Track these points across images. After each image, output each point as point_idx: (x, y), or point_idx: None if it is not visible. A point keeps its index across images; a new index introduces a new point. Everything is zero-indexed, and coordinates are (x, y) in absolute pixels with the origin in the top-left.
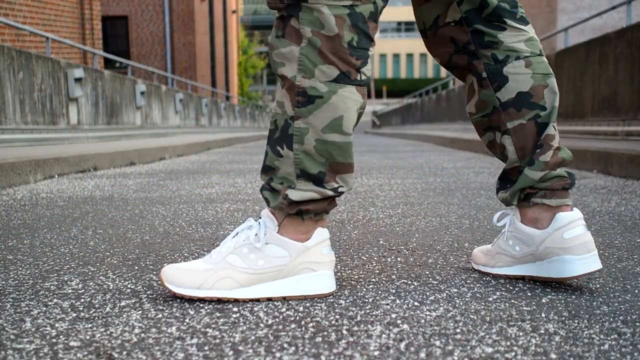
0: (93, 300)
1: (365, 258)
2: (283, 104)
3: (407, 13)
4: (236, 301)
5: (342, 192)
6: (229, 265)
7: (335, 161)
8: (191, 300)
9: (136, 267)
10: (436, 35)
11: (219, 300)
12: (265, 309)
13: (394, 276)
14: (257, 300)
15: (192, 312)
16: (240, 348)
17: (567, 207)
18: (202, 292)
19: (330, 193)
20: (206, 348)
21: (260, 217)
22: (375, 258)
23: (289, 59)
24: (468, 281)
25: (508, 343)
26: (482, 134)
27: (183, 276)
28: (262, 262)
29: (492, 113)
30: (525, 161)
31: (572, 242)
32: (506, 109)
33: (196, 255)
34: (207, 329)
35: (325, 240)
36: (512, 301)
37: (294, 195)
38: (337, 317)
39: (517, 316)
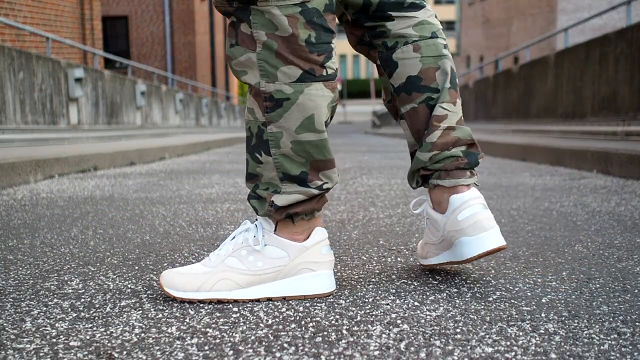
0: (93, 300)
1: (365, 258)
2: (253, 111)
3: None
4: (236, 302)
5: (327, 189)
6: (228, 268)
7: (315, 159)
8: (191, 301)
9: (136, 267)
10: (345, 31)
11: (219, 301)
12: (265, 309)
13: (394, 276)
14: (257, 300)
15: (192, 312)
16: (240, 348)
17: (463, 188)
18: (201, 294)
19: (316, 192)
20: (206, 348)
21: (256, 219)
22: (375, 258)
23: (249, 66)
24: (468, 281)
25: (508, 343)
26: (397, 121)
27: (182, 280)
28: (261, 263)
29: (393, 99)
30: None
31: (465, 222)
32: (399, 94)
33: (196, 255)
34: (207, 329)
35: (324, 240)
36: (512, 301)
37: (280, 200)
38: (337, 317)
39: (517, 316)
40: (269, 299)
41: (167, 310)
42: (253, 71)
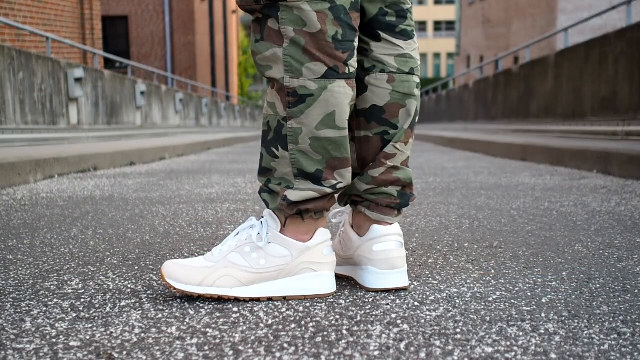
0: (93, 300)
1: None
2: (274, 105)
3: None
4: (236, 300)
5: (340, 189)
6: (230, 264)
7: (332, 157)
8: (191, 300)
9: (136, 267)
10: None
11: (220, 299)
12: (265, 309)
13: None
14: (258, 299)
15: (192, 312)
16: (240, 348)
17: (385, 223)
18: (202, 289)
19: (329, 190)
20: (206, 348)
21: (262, 217)
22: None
23: (274, 61)
24: (468, 281)
25: (508, 343)
26: None
27: (184, 272)
28: (264, 261)
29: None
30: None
31: (378, 255)
32: (357, 117)
33: (196, 255)
34: (207, 329)
35: (327, 241)
36: (512, 301)
37: (293, 195)
38: (337, 317)
39: (517, 316)
40: (269, 299)
41: (167, 310)
42: (278, 66)
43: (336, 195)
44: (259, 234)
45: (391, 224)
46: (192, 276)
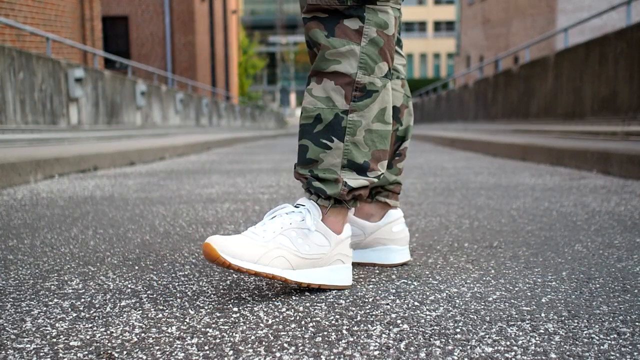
0: (93, 300)
1: None
2: (331, 99)
3: (406, 13)
4: (237, 299)
5: (379, 178)
6: (282, 245)
7: (377, 149)
8: (191, 300)
9: (136, 267)
10: None
11: (273, 277)
12: (265, 309)
13: (394, 276)
14: (299, 285)
15: (192, 312)
16: (240, 348)
17: (396, 207)
18: (259, 266)
19: (375, 180)
20: (206, 348)
21: (300, 204)
22: None
23: (347, 57)
24: (468, 281)
25: (508, 343)
26: None
27: (240, 249)
28: (308, 247)
29: None
30: None
31: (398, 234)
32: None
33: (196, 255)
34: (207, 329)
35: (350, 237)
36: (512, 301)
37: (352, 182)
38: (337, 317)
39: (516, 316)
40: (308, 285)
41: (167, 310)
42: (350, 61)
43: None
44: (303, 220)
45: (398, 207)
46: (250, 253)
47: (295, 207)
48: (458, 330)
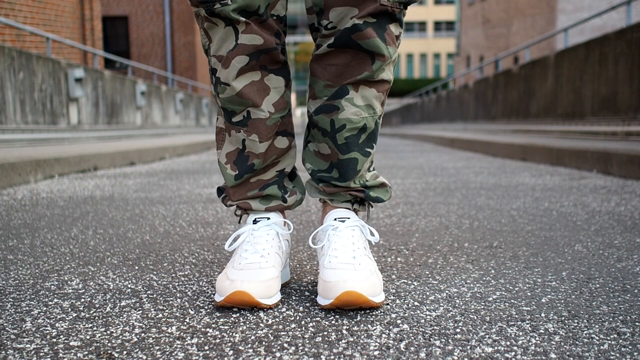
0: (93, 300)
1: None
2: (372, 106)
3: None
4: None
5: None
6: (374, 269)
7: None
8: (191, 300)
9: (136, 267)
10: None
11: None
12: (265, 309)
13: (394, 276)
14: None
15: (192, 312)
16: (240, 348)
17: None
18: (379, 298)
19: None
20: (206, 348)
21: (348, 218)
22: (375, 258)
23: (389, 64)
24: (468, 281)
25: (508, 343)
26: None
27: (371, 286)
28: (373, 264)
29: None
30: None
31: None
32: None
33: (196, 255)
34: (207, 329)
35: None
36: (512, 301)
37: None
38: (337, 317)
39: (517, 316)
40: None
41: (167, 310)
42: (391, 68)
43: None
44: (370, 233)
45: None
46: (378, 286)
47: (341, 221)
48: (458, 330)
